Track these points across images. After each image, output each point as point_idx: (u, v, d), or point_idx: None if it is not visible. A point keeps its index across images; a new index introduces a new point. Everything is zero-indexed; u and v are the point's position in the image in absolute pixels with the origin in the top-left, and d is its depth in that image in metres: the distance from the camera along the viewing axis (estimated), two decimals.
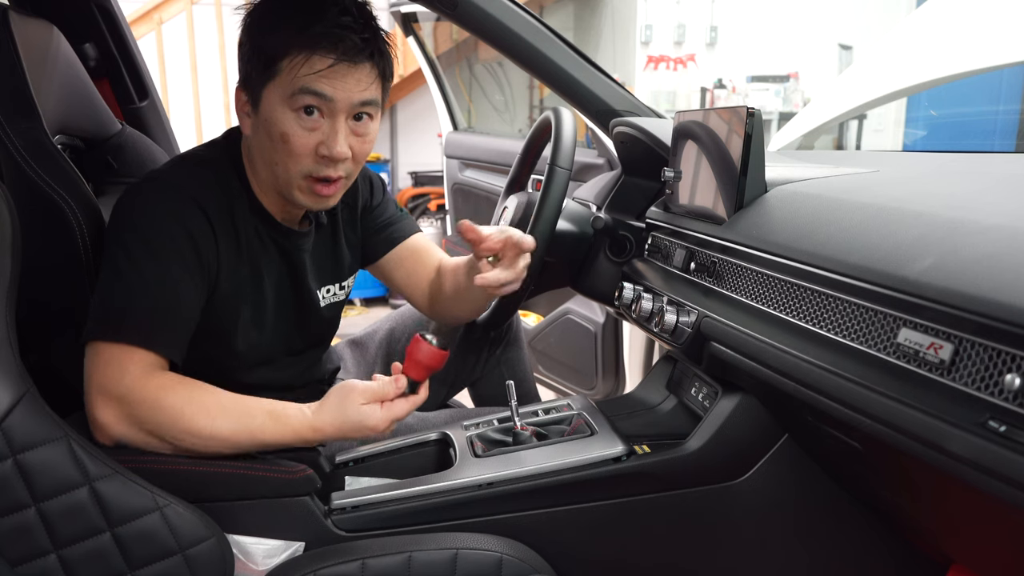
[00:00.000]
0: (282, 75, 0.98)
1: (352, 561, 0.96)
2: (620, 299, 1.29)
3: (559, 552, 1.06)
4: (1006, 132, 4.75)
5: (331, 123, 1.00)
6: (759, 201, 1.06)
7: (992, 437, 0.61)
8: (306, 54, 0.97)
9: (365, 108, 1.02)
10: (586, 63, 1.45)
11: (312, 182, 1.03)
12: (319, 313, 1.20)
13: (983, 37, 2.43)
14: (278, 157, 1.02)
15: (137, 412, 0.94)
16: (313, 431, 0.99)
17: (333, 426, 0.99)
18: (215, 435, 0.95)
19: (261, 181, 1.08)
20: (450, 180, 2.80)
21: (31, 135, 1.06)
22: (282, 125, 0.99)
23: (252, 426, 0.97)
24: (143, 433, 0.94)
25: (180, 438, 0.95)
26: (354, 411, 0.98)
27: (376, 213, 1.29)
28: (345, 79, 0.99)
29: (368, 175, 1.29)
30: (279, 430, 0.98)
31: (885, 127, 5.60)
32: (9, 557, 0.86)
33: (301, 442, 1.00)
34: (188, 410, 0.94)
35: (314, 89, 0.98)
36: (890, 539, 1.09)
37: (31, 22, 1.16)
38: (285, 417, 0.98)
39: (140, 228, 0.99)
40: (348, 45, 0.98)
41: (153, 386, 0.94)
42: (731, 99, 5.74)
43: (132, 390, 0.93)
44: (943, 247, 0.73)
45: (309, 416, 0.99)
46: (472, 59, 5.55)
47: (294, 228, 1.13)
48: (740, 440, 1.06)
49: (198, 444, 0.95)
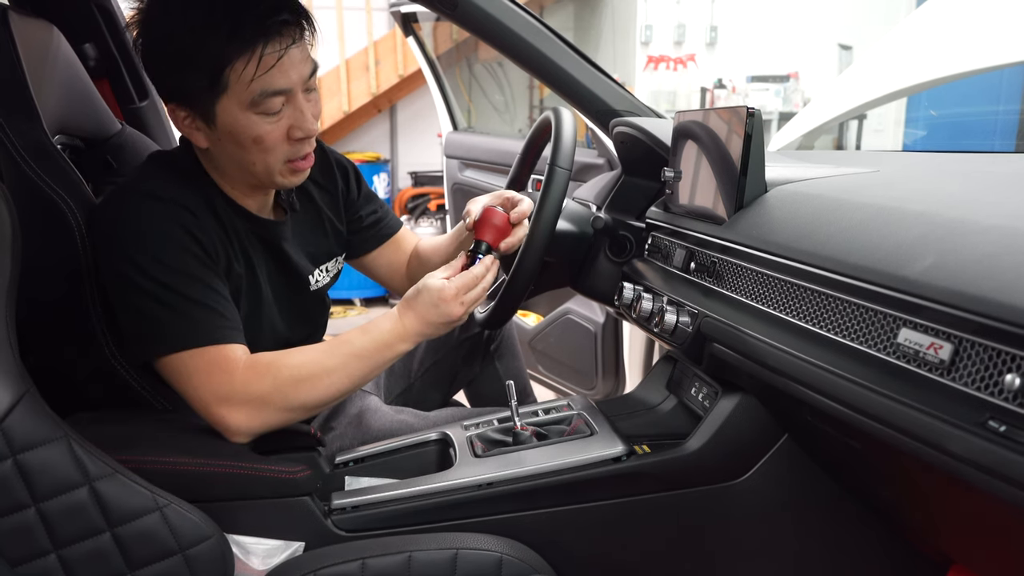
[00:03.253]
0: (232, 86, 0.95)
1: (352, 561, 0.96)
2: (620, 299, 1.29)
3: (559, 552, 1.06)
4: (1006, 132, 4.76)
5: (293, 106, 1.00)
6: (759, 201, 1.06)
7: (992, 437, 0.61)
8: (248, 57, 0.94)
9: (311, 77, 1.02)
10: (586, 63, 1.45)
11: (291, 164, 1.04)
12: (313, 297, 1.21)
13: (983, 37, 2.43)
14: (254, 157, 1.01)
15: (264, 400, 0.98)
16: (403, 326, 1.04)
17: (415, 313, 1.04)
18: (332, 380, 1.01)
19: (231, 179, 1.08)
20: (450, 180, 2.80)
21: (31, 135, 1.06)
22: (251, 130, 0.98)
23: (353, 350, 1.02)
24: (278, 412, 1.00)
25: (307, 399, 1.00)
26: (428, 294, 1.03)
27: (359, 207, 1.30)
28: (293, 62, 0.98)
29: (337, 160, 1.28)
30: (373, 340, 1.03)
31: (885, 127, 5.60)
32: (9, 557, 0.86)
33: (399, 339, 1.04)
34: (301, 373, 0.99)
35: (274, 89, 0.97)
36: (890, 539, 1.09)
37: (31, 22, 1.16)
38: (374, 328, 1.04)
39: (146, 245, 0.98)
40: (284, 29, 0.96)
41: (261, 371, 0.98)
42: (731, 99, 5.73)
43: (248, 384, 0.98)
44: (943, 247, 0.73)
45: (395, 315, 1.05)
46: (472, 59, 5.56)
47: (271, 219, 1.13)
48: (740, 440, 1.06)
49: (324, 394, 1.01)
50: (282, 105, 0.99)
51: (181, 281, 0.98)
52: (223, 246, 1.05)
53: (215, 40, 0.93)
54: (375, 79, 5.24)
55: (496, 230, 1.13)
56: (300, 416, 1.02)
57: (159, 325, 0.98)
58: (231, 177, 1.07)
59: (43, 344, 1.10)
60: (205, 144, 1.02)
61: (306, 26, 1.00)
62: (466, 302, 1.05)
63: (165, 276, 0.97)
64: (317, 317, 1.26)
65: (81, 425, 0.95)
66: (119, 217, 1.00)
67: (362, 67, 5.25)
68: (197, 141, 1.03)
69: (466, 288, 1.05)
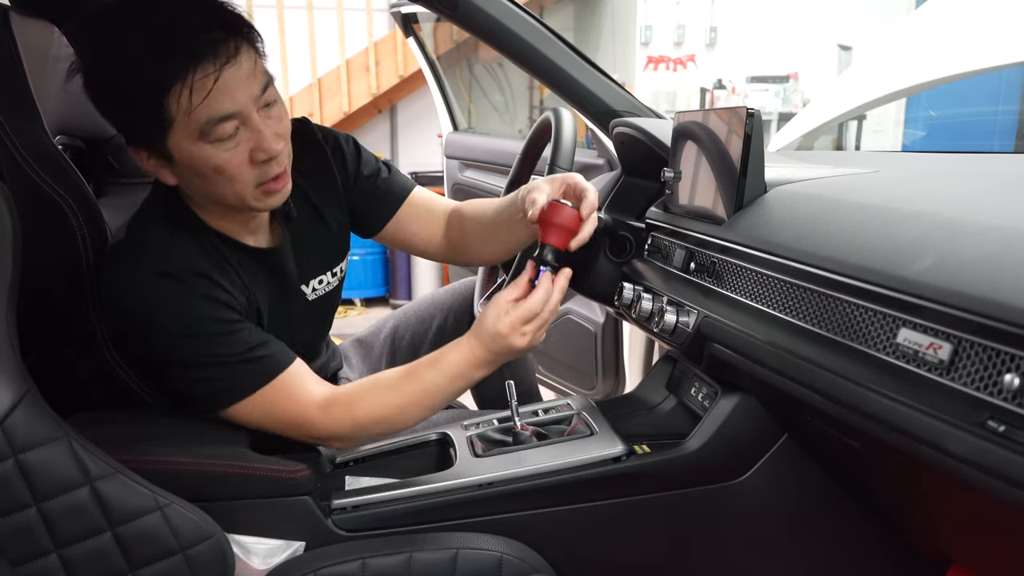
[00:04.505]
0: (177, 118, 0.89)
1: (352, 561, 0.97)
2: (620, 299, 1.29)
3: (559, 552, 1.06)
4: (1005, 132, 4.76)
5: (249, 128, 0.93)
6: (759, 201, 1.06)
7: (991, 437, 0.61)
8: (181, 85, 0.87)
9: (267, 91, 0.94)
10: (586, 64, 1.45)
11: (263, 187, 0.97)
12: (310, 309, 1.19)
13: (983, 37, 2.43)
14: (221, 188, 0.95)
15: (347, 437, 1.05)
16: (473, 356, 1.01)
17: (481, 343, 1.00)
18: (407, 415, 1.03)
19: (214, 212, 1.03)
20: (450, 180, 2.80)
21: (32, 135, 1.06)
22: (209, 161, 0.92)
23: (425, 387, 1.02)
24: (364, 440, 1.09)
25: (387, 430, 1.06)
26: (489, 323, 0.99)
27: (363, 180, 1.21)
28: (236, 82, 0.90)
29: (331, 140, 1.18)
30: (444, 373, 1.01)
31: (885, 127, 5.60)
32: (10, 557, 0.87)
33: (472, 369, 1.01)
34: (376, 415, 1.02)
35: (219, 115, 0.89)
36: (890, 539, 1.09)
37: (31, 22, 1.16)
38: (444, 360, 1.02)
39: (173, 327, 0.96)
40: (217, 49, 0.88)
41: (338, 415, 1.02)
42: (731, 99, 5.73)
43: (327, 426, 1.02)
44: (942, 247, 0.73)
45: (464, 344, 1.02)
46: (472, 59, 5.56)
47: (268, 246, 1.09)
48: (740, 440, 1.06)
49: (402, 426, 1.06)
50: (236, 129, 0.92)
51: (216, 345, 0.97)
52: (239, 292, 1.03)
53: (146, 70, 0.87)
54: (375, 79, 5.24)
55: (563, 231, 0.99)
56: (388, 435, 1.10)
57: (209, 386, 0.99)
58: (212, 211, 1.02)
59: (43, 344, 1.10)
60: (173, 181, 0.97)
61: (244, 40, 0.92)
62: (528, 333, 0.98)
63: (200, 347, 0.97)
64: (316, 326, 1.25)
65: (82, 425, 0.95)
66: (136, 301, 0.96)
67: (362, 67, 5.25)
68: (165, 179, 0.97)
69: (524, 320, 0.97)
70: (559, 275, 1.00)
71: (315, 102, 5.18)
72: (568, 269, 1.00)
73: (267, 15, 4.92)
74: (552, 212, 0.99)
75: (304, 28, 5.03)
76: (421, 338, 1.49)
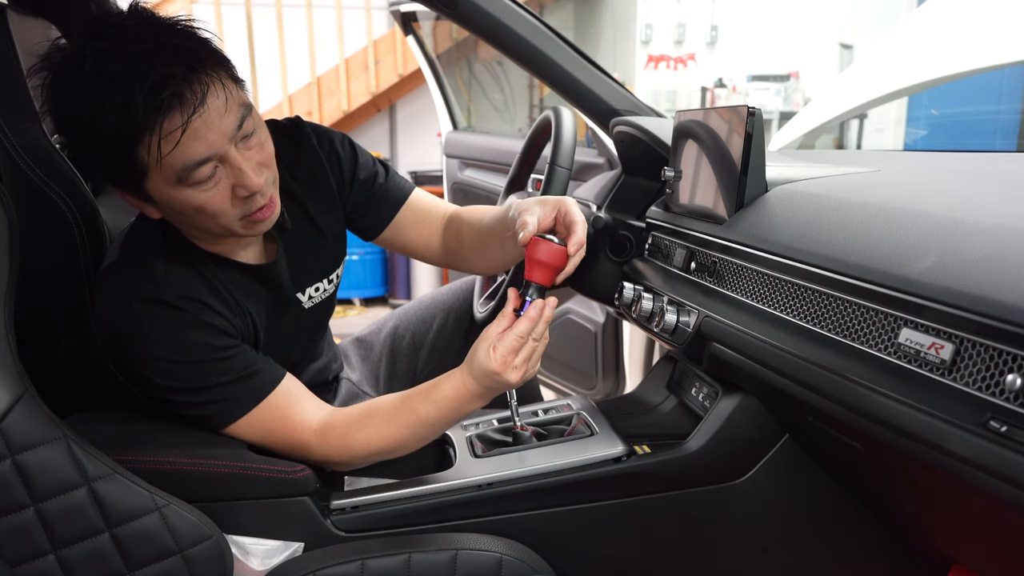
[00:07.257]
0: (151, 166, 0.87)
1: (352, 561, 0.96)
2: (620, 299, 1.29)
3: (559, 552, 1.05)
4: (1007, 131, 4.75)
5: (228, 166, 0.90)
6: (759, 201, 1.06)
7: (993, 437, 0.61)
8: (150, 136, 0.84)
9: (243, 125, 0.90)
10: (586, 62, 1.44)
11: (249, 219, 0.95)
12: (307, 316, 1.18)
13: (983, 37, 2.42)
14: (206, 223, 0.94)
15: (345, 463, 1.06)
16: (467, 390, 0.99)
17: (473, 378, 0.98)
18: (403, 445, 1.04)
19: (204, 236, 1.01)
20: (450, 180, 2.80)
21: (30, 135, 1.06)
22: (190, 203, 0.90)
23: (419, 419, 1.01)
24: (361, 465, 1.07)
25: (384, 458, 1.06)
26: (480, 359, 0.96)
27: (359, 185, 1.19)
28: (208, 126, 0.86)
29: (326, 143, 1.15)
30: (439, 407, 1.00)
31: (886, 126, 5.59)
32: (8, 557, 0.86)
33: (465, 402, 1.00)
34: (372, 448, 1.03)
35: (195, 161, 0.87)
36: (891, 539, 1.09)
37: (30, 22, 1.16)
38: (438, 394, 1.01)
39: (169, 355, 0.96)
40: (183, 93, 0.84)
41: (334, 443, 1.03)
42: (731, 98, 5.73)
43: (324, 453, 1.04)
44: (944, 247, 0.73)
45: (457, 377, 1.00)
46: (472, 58, 5.55)
47: (263, 263, 1.08)
48: (740, 440, 1.06)
49: (399, 454, 1.05)
50: (214, 169, 0.89)
51: (209, 372, 0.98)
52: (234, 314, 1.03)
53: (112, 124, 0.84)
54: (375, 78, 5.24)
55: (549, 269, 0.96)
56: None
57: (203, 409, 1.00)
58: (201, 235, 1.01)
59: (42, 344, 1.10)
60: (158, 215, 0.97)
61: (213, 75, 0.87)
62: (518, 366, 0.95)
63: (194, 374, 0.98)
64: (313, 332, 1.24)
65: (80, 425, 0.95)
66: (131, 329, 0.96)
67: (362, 66, 5.25)
68: (150, 214, 0.96)
69: (513, 351, 0.95)
70: (544, 305, 0.97)
71: (314, 101, 5.18)
72: (553, 299, 0.98)
73: (266, 14, 4.92)
74: (538, 249, 0.97)
75: (303, 26, 5.02)
76: (422, 338, 1.49)
